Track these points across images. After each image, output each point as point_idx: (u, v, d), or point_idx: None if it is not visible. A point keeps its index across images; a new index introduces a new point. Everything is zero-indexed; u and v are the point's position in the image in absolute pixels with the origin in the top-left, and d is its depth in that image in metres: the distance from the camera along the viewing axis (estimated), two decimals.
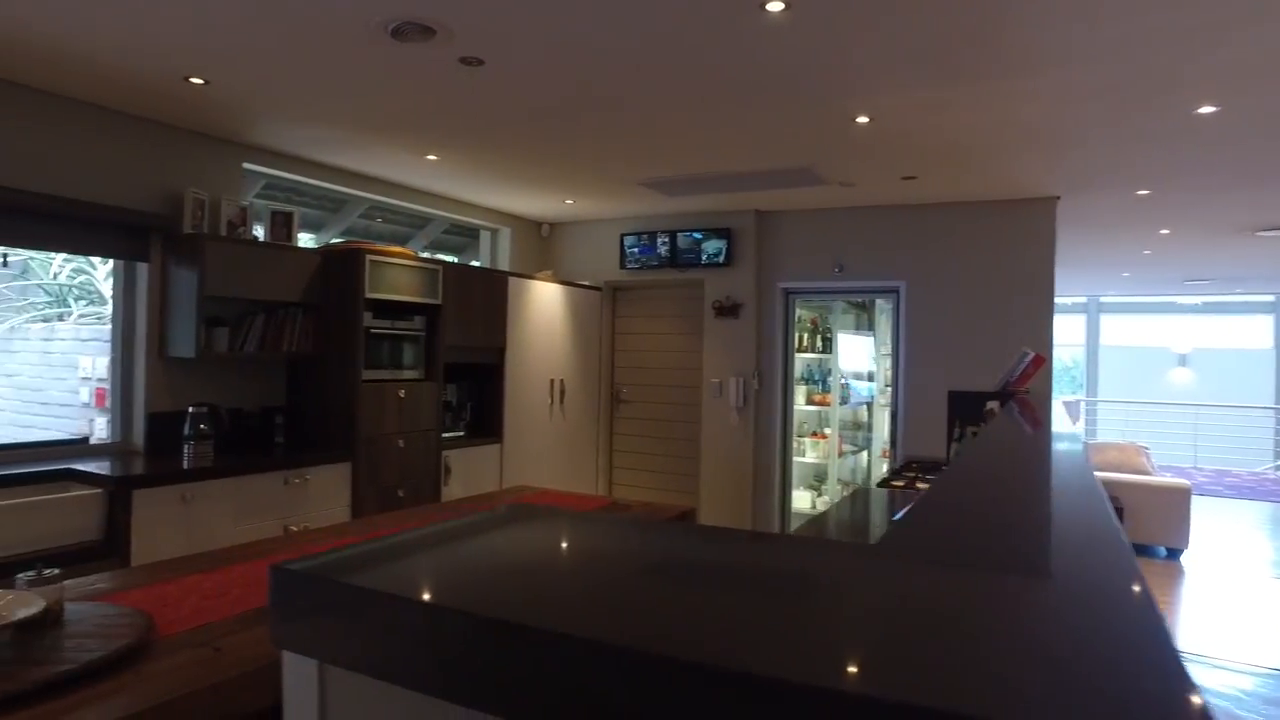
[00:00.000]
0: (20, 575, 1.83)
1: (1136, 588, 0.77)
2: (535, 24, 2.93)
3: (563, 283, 6.42)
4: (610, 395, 7.12)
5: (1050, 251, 5.63)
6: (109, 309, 7.26)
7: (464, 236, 7.09)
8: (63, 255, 6.76)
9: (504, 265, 6.83)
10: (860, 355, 7.56)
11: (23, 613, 1.65)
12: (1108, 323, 15.79)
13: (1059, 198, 5.58)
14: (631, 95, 3.68)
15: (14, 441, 4.15)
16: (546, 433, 6.18)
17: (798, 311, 6.57)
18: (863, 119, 3.90)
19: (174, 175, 4.32)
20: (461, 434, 5.55)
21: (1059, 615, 0.75)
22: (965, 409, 5.55)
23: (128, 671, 1.66)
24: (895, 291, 6.13)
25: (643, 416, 7.02)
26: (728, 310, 6.47)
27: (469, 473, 5.34)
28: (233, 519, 3.88)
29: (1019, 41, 2.98)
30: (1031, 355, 3.89)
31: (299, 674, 0.96)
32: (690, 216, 6.62)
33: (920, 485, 3.68)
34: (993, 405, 5.23)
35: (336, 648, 0.91)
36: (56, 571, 1.86)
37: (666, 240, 6.65)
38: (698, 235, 6.53)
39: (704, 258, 6.52)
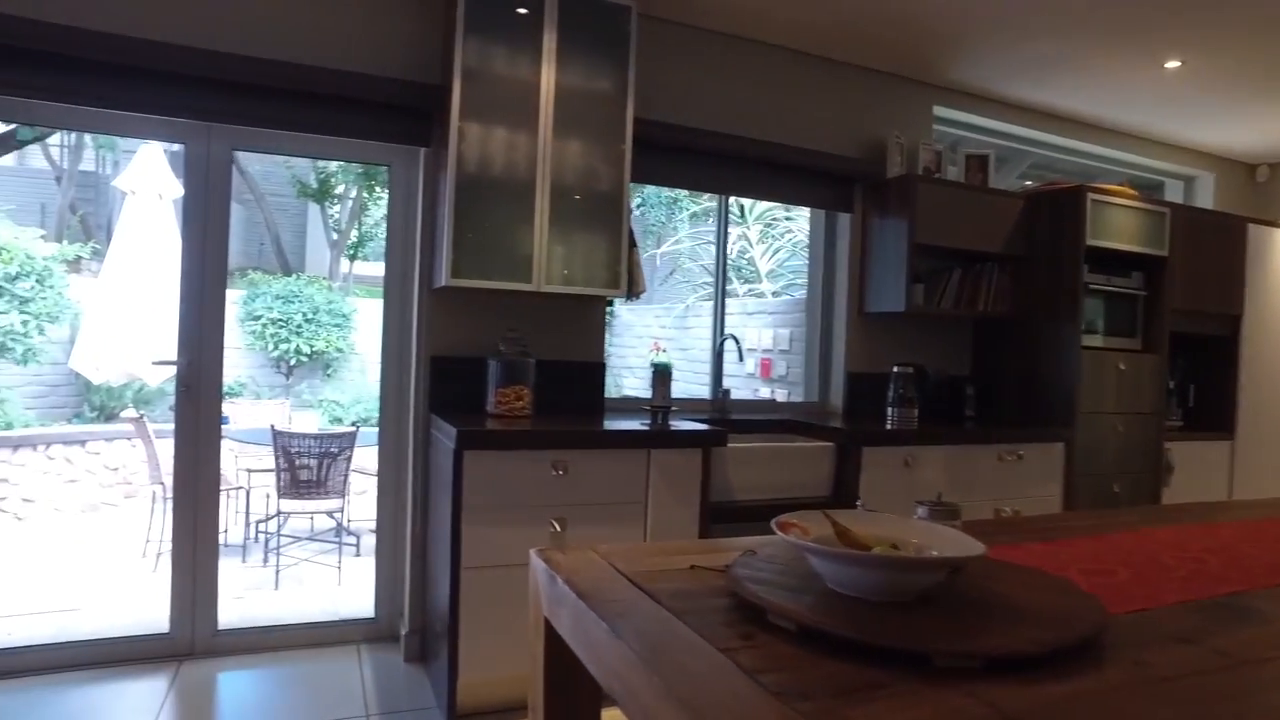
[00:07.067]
0: (919, 502, 1.48)
1: None
2: None
3: None
4: None
5: None
6: (763, 285, 7.68)
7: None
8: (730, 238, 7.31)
9: None
10: None
11: (965, 551, 1.22)
12: None
13: None
14: None
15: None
16: None
17: None
18: None
19: (872, 121, 4.08)
20: (1179, 423, 4.42)
21: None
22: None
23: (1124, 659, 1.11)
24: None
25: None
26: None
27: (1193, 473, 4.20)
28: (945, 490, 3.43)
29: None
30: None
31: None
32: None
33: None
34: None
35: None
36: (955, 503, 1.48)
37: None
38: None
39: None
